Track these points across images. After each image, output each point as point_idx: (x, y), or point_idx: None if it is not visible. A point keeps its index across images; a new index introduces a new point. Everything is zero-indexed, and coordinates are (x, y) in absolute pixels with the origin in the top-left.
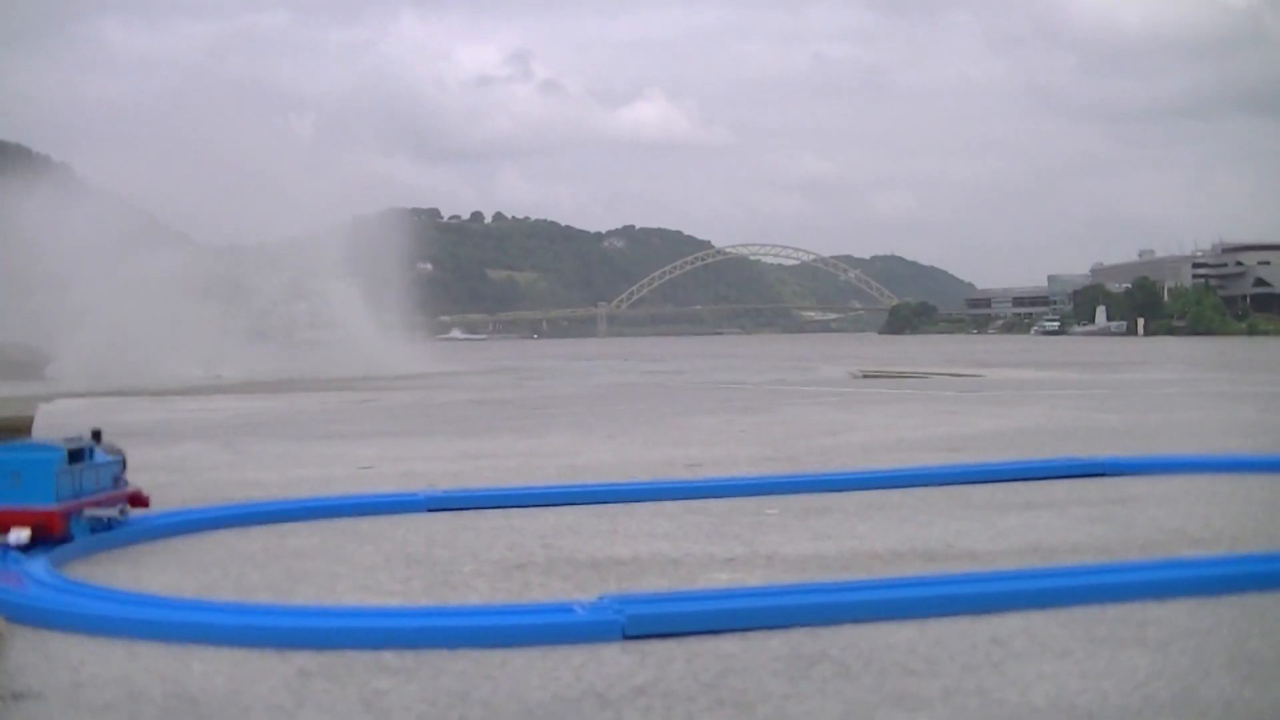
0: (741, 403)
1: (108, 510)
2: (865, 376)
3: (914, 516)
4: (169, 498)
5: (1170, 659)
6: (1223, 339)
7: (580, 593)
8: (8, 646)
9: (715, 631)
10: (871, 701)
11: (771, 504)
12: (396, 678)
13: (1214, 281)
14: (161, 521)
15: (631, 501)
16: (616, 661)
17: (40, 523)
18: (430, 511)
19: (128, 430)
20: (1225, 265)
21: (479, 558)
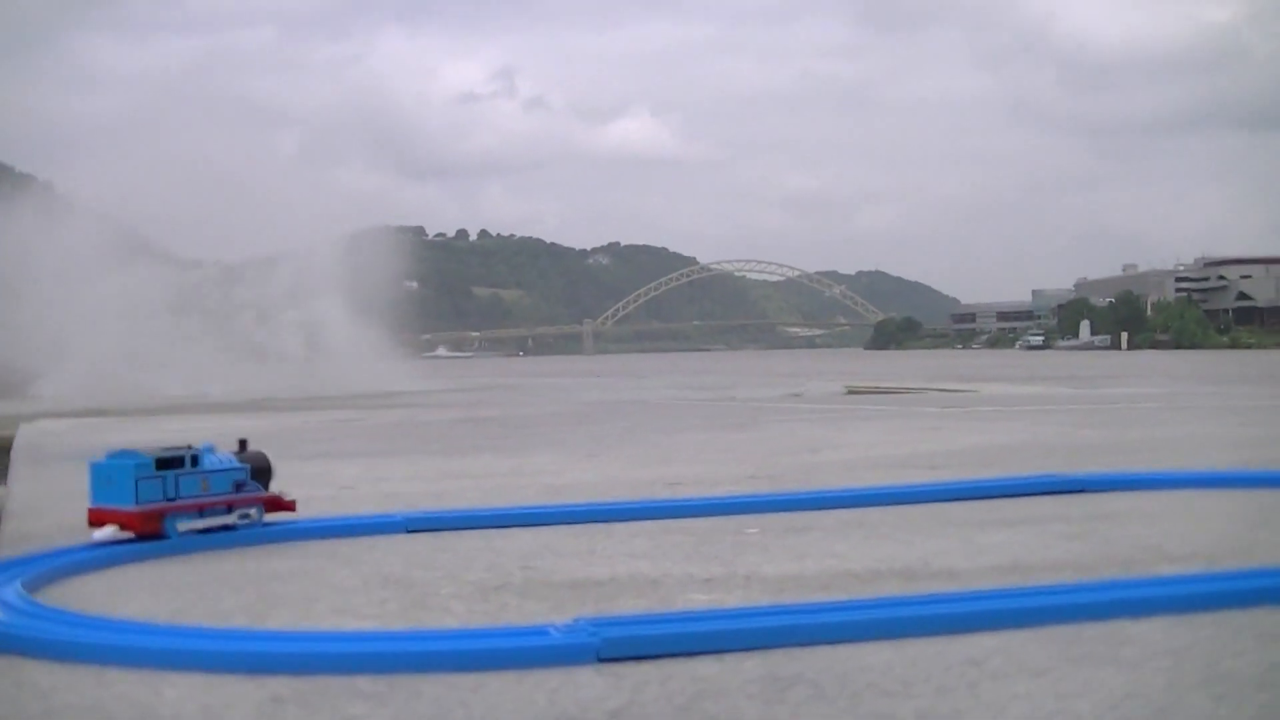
0: (724, 420)
1: (218, 517)
2: (850, 392)
3: (894, 535)
4: None
5: (1146, 678)
6: (1206, 352)
7: (557, 614)
8: None
9: (691, 653)
10: None
11: (752, 523)
12: (370, 703)
13: (1197, 295)
14: (138, 544)
15: (611, 521)
16: (591, 685)
17: (121, 522)
18: (409, 533)
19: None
20: (1208, 279)
21: (456, 579)
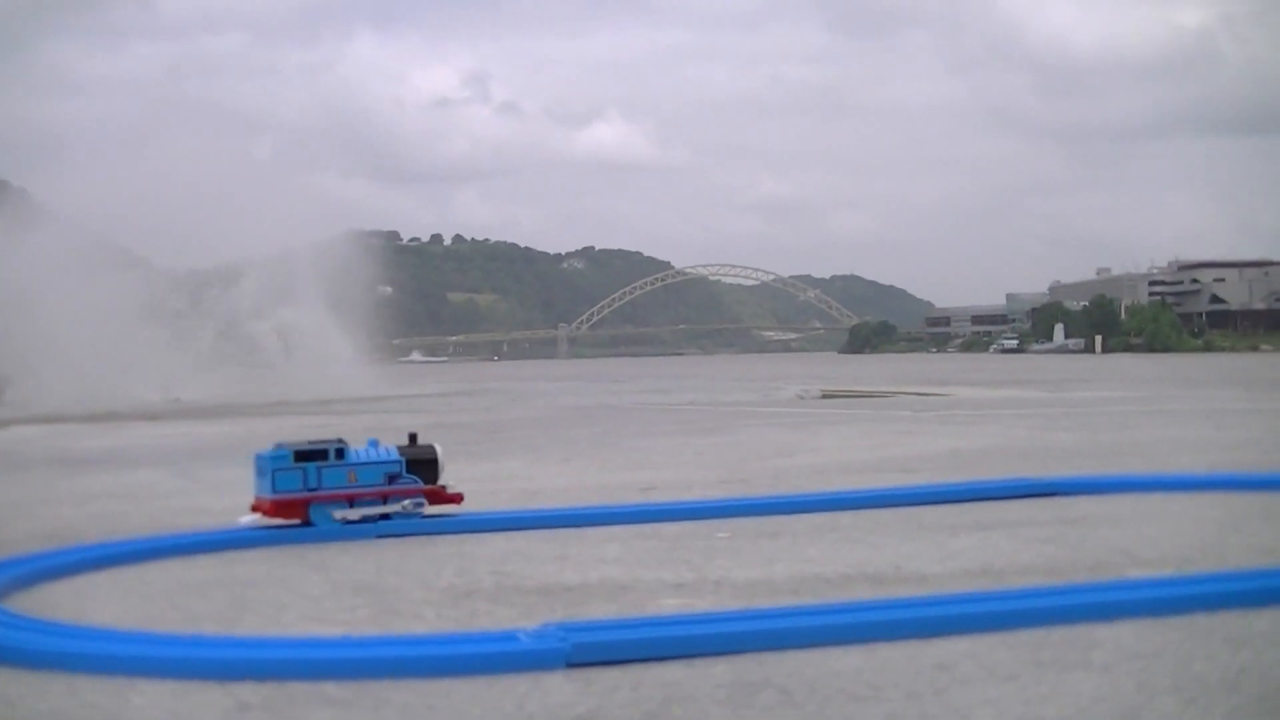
0: (698, 424)
1: (372, 507)
2: (824, 396)
3: (865, 539)
4: (120, 526)
5: (1115, 682)
6: (1179, 356)
7: (528, 620)
8: None
9: (660, 658)
10: None
11: (723, 527)
12: (337, 709)
13: (1170, 299)
14: (109, 550)
15: (583, 526)
16: (560, 690)
17: (261, 510)
18: (380, 538)
19: (83, 458)
20: (1181, 283)
21: (427, 585)
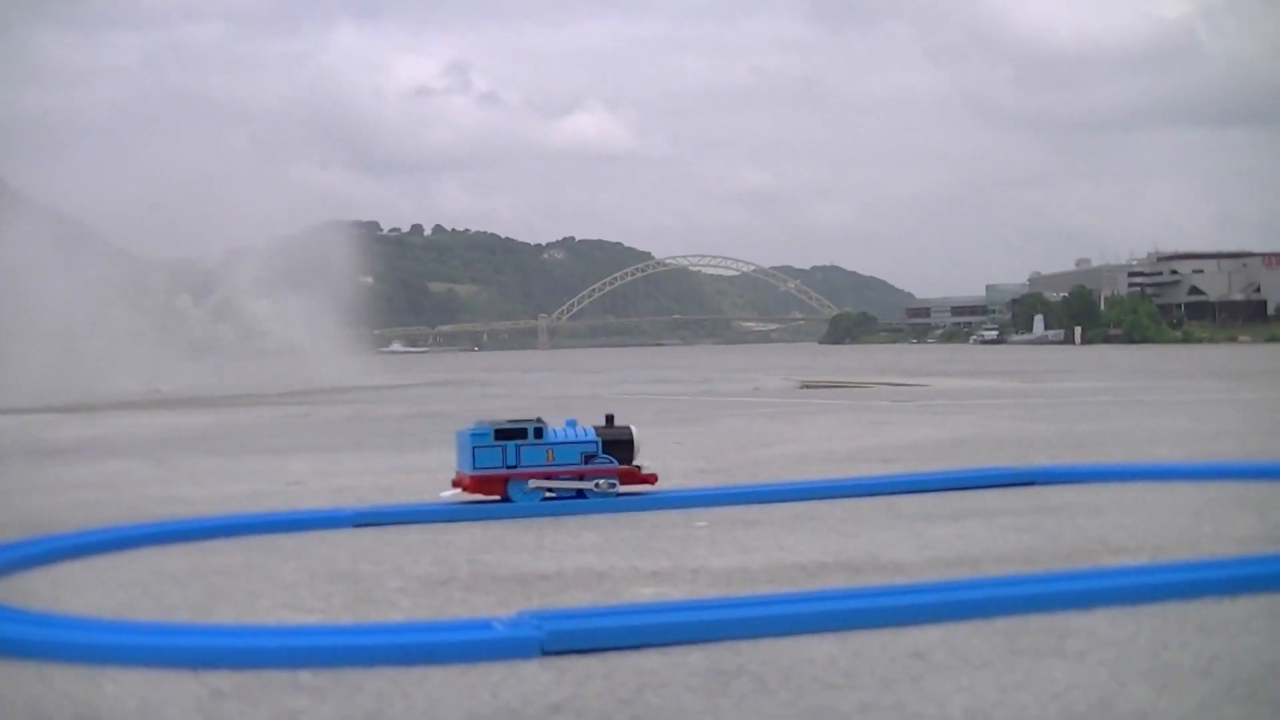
0: (677, 414)
1: (569, 484)
2: (804, 387)
3: (841, 528)
4: (96, 515)
5: (1089, 669)
6: (1158, 347)
7: (503, 608)
8: None
9: (635, 647)
10: (788, 717)
11: (701, 516)
12: (311, 697)
13: (1149, 290)
14: (85, 539)
15: (560, 515)
16: (534, 678)
17: (462, 485)
18: (357, 527)
19: (60, 447)
20: (1160, 274)
21: (403, 573)
